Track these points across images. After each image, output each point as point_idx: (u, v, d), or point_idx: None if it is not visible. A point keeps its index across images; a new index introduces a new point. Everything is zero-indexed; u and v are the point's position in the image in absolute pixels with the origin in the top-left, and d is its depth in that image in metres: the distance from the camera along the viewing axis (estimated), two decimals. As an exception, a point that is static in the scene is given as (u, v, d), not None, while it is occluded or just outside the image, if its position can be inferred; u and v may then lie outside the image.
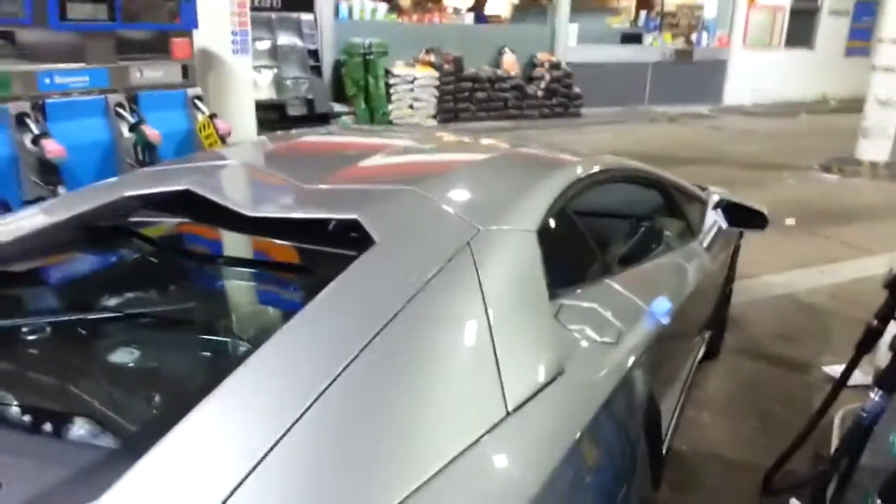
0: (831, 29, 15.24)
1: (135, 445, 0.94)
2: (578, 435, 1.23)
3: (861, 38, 15.29)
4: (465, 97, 10.43)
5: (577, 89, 11.65)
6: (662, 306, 1.89)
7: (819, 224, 5.99)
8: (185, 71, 4.90)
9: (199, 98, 4.96)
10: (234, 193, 1.79)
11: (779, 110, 13.73)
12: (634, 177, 2.70)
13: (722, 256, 3.10)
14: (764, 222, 2.89)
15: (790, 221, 6.00)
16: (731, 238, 3.29)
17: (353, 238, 1.51)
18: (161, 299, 1.65)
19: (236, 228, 1.73)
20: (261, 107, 8.18)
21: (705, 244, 2.84)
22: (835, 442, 2.55)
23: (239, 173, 2.04)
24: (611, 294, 1.85)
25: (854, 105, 8.77)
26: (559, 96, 11.49)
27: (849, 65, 14.91)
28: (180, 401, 1.10)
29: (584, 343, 1.50)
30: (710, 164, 8.38)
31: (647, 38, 13.22)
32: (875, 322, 2.03)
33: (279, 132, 3.24)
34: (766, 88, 14.29)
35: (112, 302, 1.59)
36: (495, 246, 1.52)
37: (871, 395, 1.60)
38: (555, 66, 11.48)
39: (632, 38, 13.11)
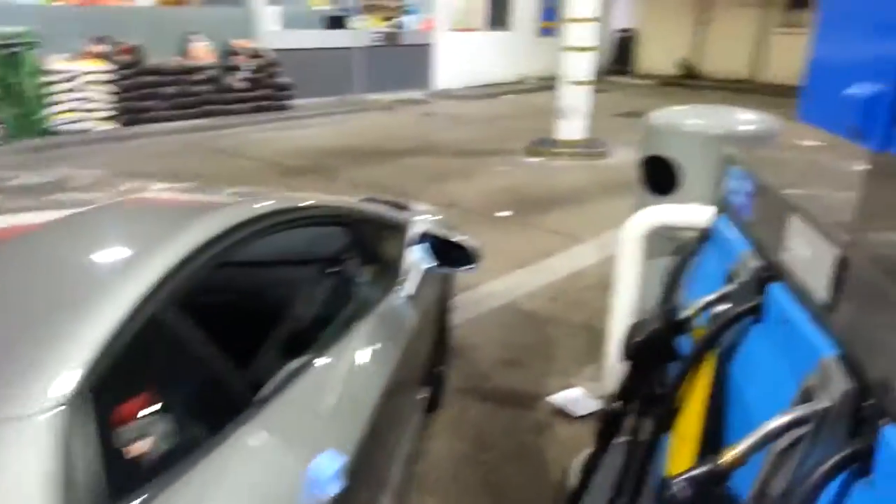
0: (524, 10, 16.09)
1: None
2: None
3: (552, 18, 16.38)
4: (151, 93, 9.00)
5: (285, 79, 10.78)
6: (329, 468, 1.22)
7: (530, 213, 5.91)
8: None
9: None
10: None
11: (486, 92, 14.17)
12: (308, 218, 2.00)
13: (433, 295, 2.56)
14: (472, 260, 2.36)
15: (505, 213, 5.84)
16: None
17: None
18: None
19: None
20: None
21: (411, 290, 2.26)
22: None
23: None
24: (235, 474, 1.12)
25: (551, 84, 9.09)
26: (265, 87, 10.51)
27: (543, 44, 15.89)
28: None
29: None
30: (424, 155, 8.11)
31: (353, 22, 12.74)
32: (616, 403, 1.58)
33: None
34: (472, 71, 14.67)
35: None
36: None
37: None
38: (256, 53, 10.47)
39: (336, 21, 12.52)
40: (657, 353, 1.50)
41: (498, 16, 15.51)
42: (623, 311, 2.79)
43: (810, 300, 1.17)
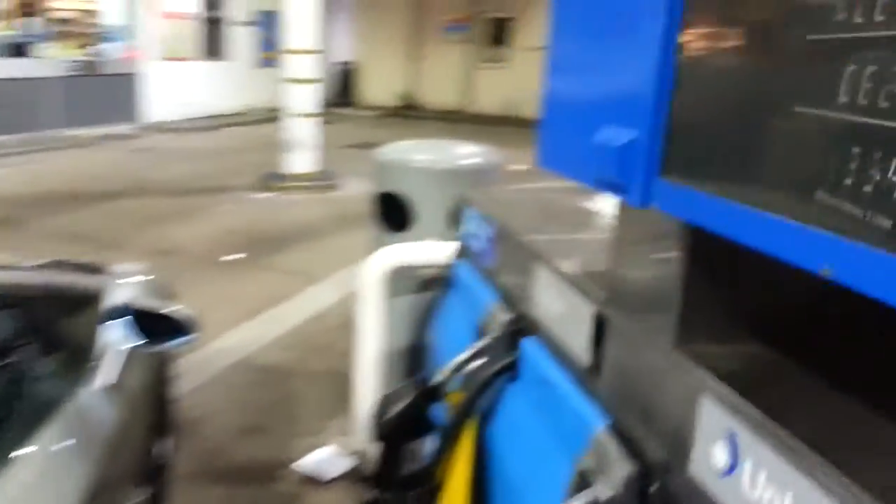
0: (243, 40, 15.51)
1: None
2: None
3: (272, 49, 15.93)
4: None
5: (-49, 113, 9.06)
6: None
7: (262, 253, 5.52)
8: None
9: None
10: None
11: (206, 125, 13.33)
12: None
13: (144, 374, 2.12)
14: (187, 330, 1.99)
15: (234, 256, 5.39)
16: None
17: None
18: None
19: None
20: None
21: (111, 376, 1.82)
22: None
23: None
24: None
25: (277, 115, 8.75)
26: (-76, 124, 8.73)
27: (266, 75, 15.40)
28: None
29: None
30: (136, 197, 7.27)
31: (42, 50, 11.17)
32: (375, 493, 1.36)
33: None
34: (191, 102, 13.71)
35: None
36: None
37: None
38: None
39: (19, 49, 10.89)
40: (412, 428, 1.32)
41: (213, 45, 14.78)
42: (369, 354, 2.61)
43: (570, 361, 1.06)
